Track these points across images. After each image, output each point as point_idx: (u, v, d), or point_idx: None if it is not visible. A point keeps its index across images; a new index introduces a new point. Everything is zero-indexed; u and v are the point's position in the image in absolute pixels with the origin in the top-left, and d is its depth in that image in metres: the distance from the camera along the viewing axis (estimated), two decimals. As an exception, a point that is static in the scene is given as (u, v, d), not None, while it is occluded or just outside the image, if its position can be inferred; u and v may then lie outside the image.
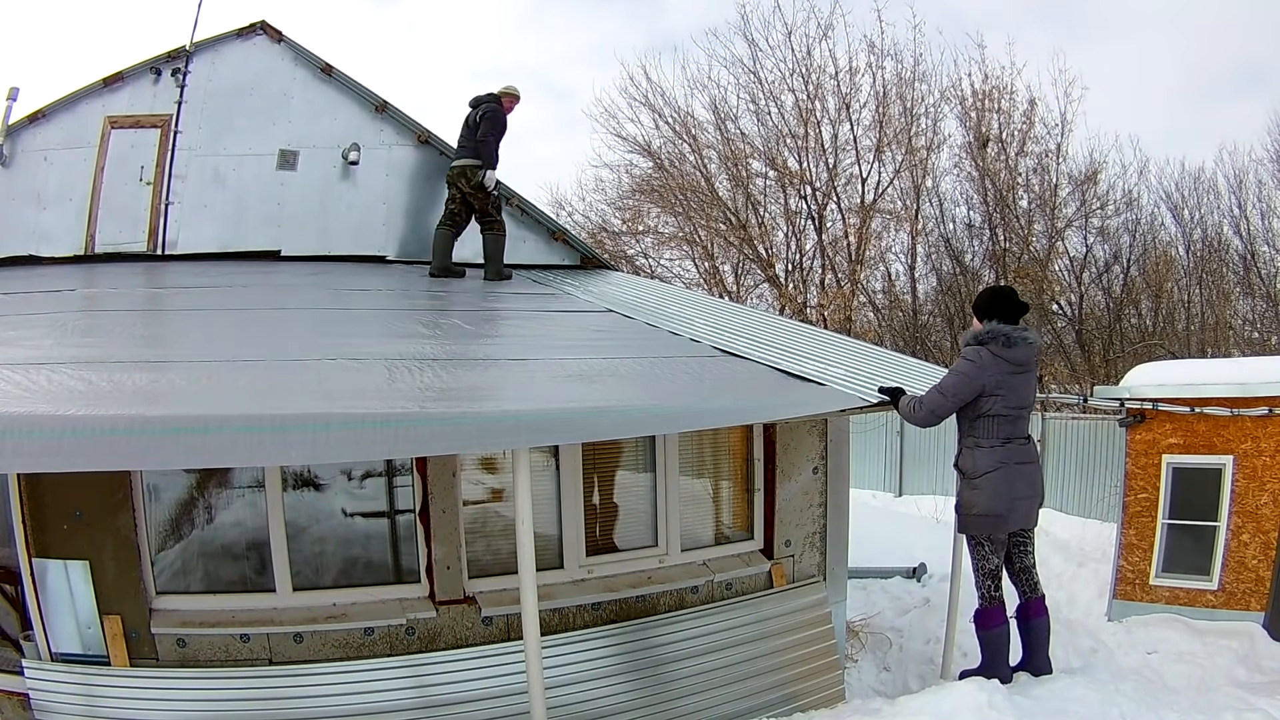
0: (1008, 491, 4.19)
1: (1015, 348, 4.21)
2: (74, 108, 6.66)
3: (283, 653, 3.94)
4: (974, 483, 4.22)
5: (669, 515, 4.92)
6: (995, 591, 4.31)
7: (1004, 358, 4.18)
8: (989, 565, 4.31)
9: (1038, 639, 4.40)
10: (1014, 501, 4.22)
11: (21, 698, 3.55)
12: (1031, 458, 4.34)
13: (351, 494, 4.41)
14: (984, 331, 4.26)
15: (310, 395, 3.35)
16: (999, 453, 4.19)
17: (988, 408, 4.18)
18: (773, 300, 17.60)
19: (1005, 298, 4.40)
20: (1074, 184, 16.83)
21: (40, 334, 4.22)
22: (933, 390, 4.29)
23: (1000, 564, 4.33)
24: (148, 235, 6.65)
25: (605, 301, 6.16)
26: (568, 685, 4.10)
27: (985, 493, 4.18)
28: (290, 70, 7.25)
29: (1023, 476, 4.25)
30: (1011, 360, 4.19)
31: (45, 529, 3.67)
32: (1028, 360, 4.28)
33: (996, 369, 4.16)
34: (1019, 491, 4.24)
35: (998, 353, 4.18)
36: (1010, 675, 4.29)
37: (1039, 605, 4.40)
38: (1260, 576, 5.86)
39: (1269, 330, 15.74)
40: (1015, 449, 4.24)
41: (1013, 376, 4.20)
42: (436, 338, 4.82)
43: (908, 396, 4.36)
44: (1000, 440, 4.20)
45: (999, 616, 4.34)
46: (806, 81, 16.75)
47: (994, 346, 4.20)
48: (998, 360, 4.17)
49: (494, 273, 6.84)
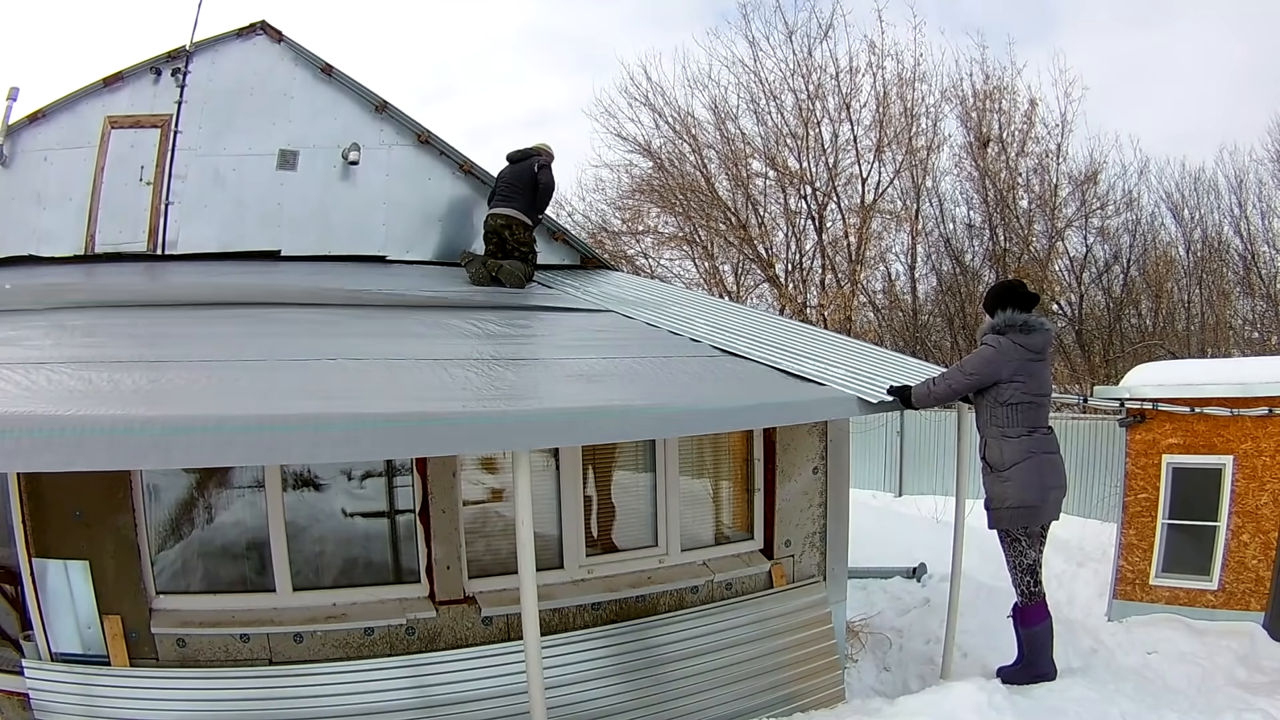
0: (1039, 481, 4.18)
1: (1033, 334, 4.24)
2: (74, 108, 6.66)
3: (283, 653, 3.94)
4: (1004, 475, 4.19)
5: (669, 515, 4.92)
6: (1035, 586, 4.28)
7: (1023, 344, 4.20)
8: (1026, 560, 4.25)
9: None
10: (1046, 491, 4.21)
11: (21, 698, 3.55)
12: (1056, 447, 4.33)
13: (351, 494, 4.41)
14: (1002, 320, 4.28)
15: (310, 395, 3.35)
16: (1027, 442, 4.18)
17: (1009, 395, 4.17)
18: (773, 300, 17.60)
19: (1016, 289, 4.44)
20: (1074, 184, 16.84)
21: (40, 334, 4.22)
22: (953, 368, 4.32)
23: (1038, 558, 4.28)
24: (148, 235, 6.65)
25: (605, 301, 6.16)
26: (568, 685, 4.10)
27: (1016, 484, 4.16)
28: (290, 70, 7.25)
29: (1052, 466, 4.25)
30: (1030, 347, 4.21)
31: (45, 529, 3.67)
32: (1045, 347, 4.30)
33: (1017, 356, 4.18)
34: (1050, 481, 4.23)
35: (1017, 340, 4.21)
36: (1055, 671, 4.29)
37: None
38: (1260, 576, 5.86)
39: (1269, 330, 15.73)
40: (1041, 438, 4.24)
41: (1032, 363, 4.22)
42: (436, 338, 4.82)
43: (922, 380, 4.37)
44: (1026, 429, 4.18)
45: (1042, 612, 4.31)
46: (807, 81, 16.76)
47: (1013, 334, 4.22)
48: (1017, 347, 4.19)
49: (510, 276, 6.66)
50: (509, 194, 6.85)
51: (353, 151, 7.16)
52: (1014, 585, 4.37)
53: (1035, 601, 4.28)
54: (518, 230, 6.78)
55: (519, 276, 6.66)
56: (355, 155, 7.16)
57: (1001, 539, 4.32)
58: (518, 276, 6.64)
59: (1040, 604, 4.30)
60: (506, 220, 6.77)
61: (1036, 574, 4.28)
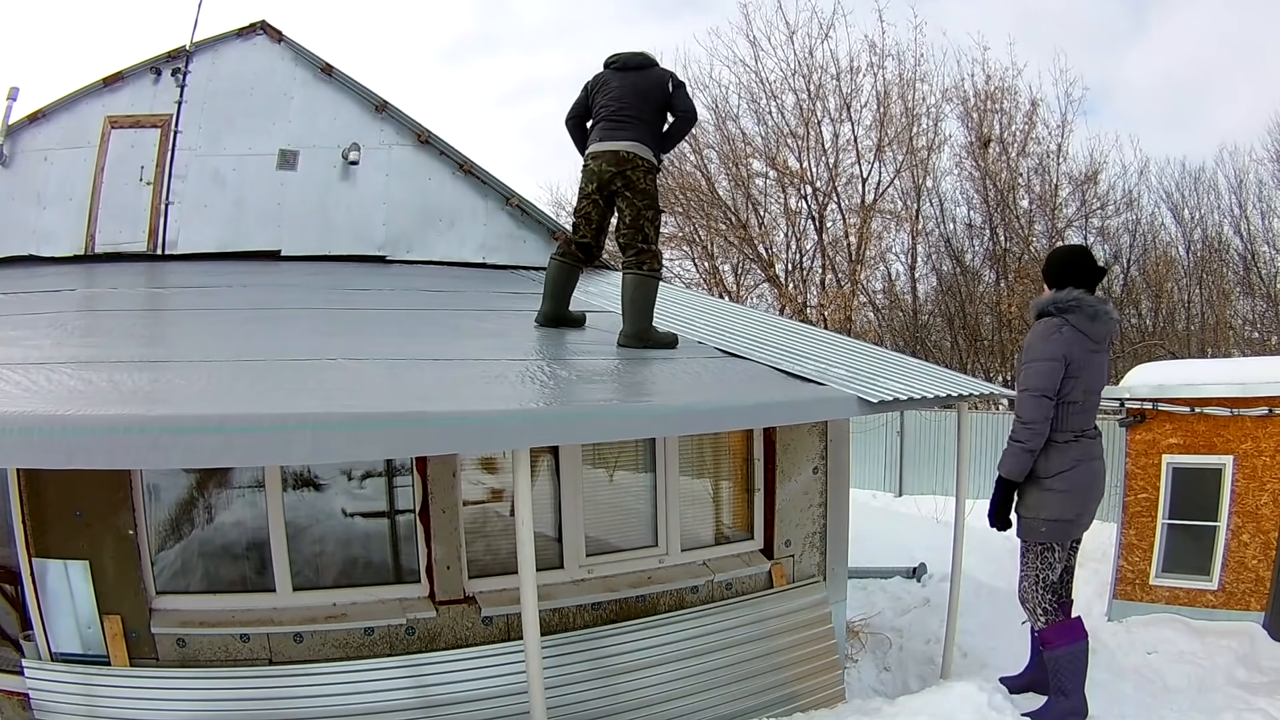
0: (1082, 494, 3.69)
1: (1098, 321, 3.64)
2: (74, 108, 6.68)
3: (283, 653, 3.94)
4: (1045, 483, 3.68)
5: (669, 515, 4.92)
6: (1053, 604, 3.79)
7: (1086, 333, 3.60)
8: (1051, 575, 3.75)
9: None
10: (1086, 505, 3.75)
11: (21, 698, 3.55)
12: (1101, 452, 3.82)
13: (351, 494, 4.40)
14: (1066, 299, 3.63)
15: (310, 395, 3.35)
16: (1074, 449, 3.64)
17: (1065, 392, 3.60)
18: (773, 300, 17.62)
19: (1083, 260, 3.77)
20: (1074, 184, 16.86)
21: (40, 334, 4.22)
22: (1024, 400, 3.59)
23: (1065, 572, 3.83)
24: (148, 235, 6.66)
25: (605, 301, 6.16)
26: (568, 685, 4.10)
27: (1057, 494, 3.67)
28: (290, 70, 7.26)
29: (1096, 476, 3.76)
30: (1092, 336, 3.63)
31: (45, 529, 3.67)
32: (1106, 337, 3.75)
33: (1079, 346, 3.58)
34: (1093, 494, 3.76)
35: (1080, 326, 3.60)
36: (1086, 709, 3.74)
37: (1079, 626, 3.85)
38: (1260, 576, 5.86)
39: (1269, 330, 15.75)
40: (1089, 444, 3.72)
41: (1093, 355, 3.65)
42: (436, 338, 4.82)
43: (1005, 452, 3.72)
44: (1074, 434, 3.66)
45: (1072, 631, 3.74)
46: (808, 81, 16.78)
47: (1076, 318, 3.60)
48: (1080, 336, 3.59)
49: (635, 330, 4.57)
50: (625, 120, 4.46)
51: (353, 151, 7.17)
52: (1027, 602, 3.83)
53: (1060, 620, 3.80)
54: (640, 177, 4.45)
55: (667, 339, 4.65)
56: (355, 155, 7.18)
57: (1028, 549, 3.81)
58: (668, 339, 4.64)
59: (1064, 624, 3.78)
60: (630, 157, 4.43)
61: (1057, 591, 3.82)
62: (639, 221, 4.49)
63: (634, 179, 4.45)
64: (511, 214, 7.57)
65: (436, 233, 7.39)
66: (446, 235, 7.42)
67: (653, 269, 4.55)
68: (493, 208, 7.60)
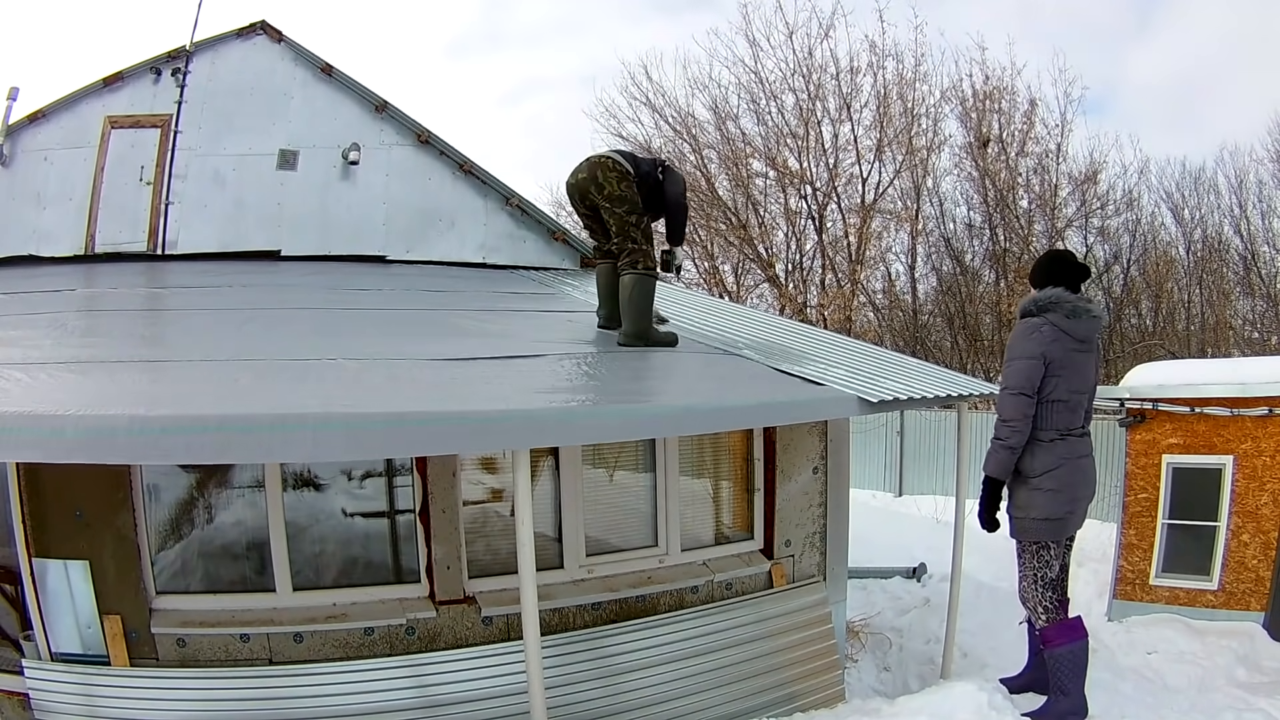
0: (1070, 492, 3.76)
1: (1079, 320, 3.73)
2: (74, 108, 6.68)
3: (283, 653, 3.94)
4: (1032, 482, 3.77)
5: (669, 515, 4.92)
6: (1055, 602, 3.85)
7: (1067, 331, 3.70)
8: (1050, 573, 3.80)
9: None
10: (1075, 503, 3.81)
11: (21, 698, 3.55)
12: (1089, 450, 3.88)
13: (351, 494, 4.40)
14: (1045, 298, 3.75)
15: (310, 395, 3.35)
16: (1059, 448, 3.73)
17: (1047, 391, 3.68)
18: (773, 300, 17.62)
19: (1066, 261, 3.90)
20: (1074, 184, 16.86)
21: (40, 334, 4.22)
22: (1004, 398, 3.70)
23: (1061, 569, 3.88)
24: (148, 235, 6.66)
25: (605, 301, 6.15)
26: (568, 685, 4.10)
27: (1045, 493, 3.74)
28: (290, 70, 7.26)
29: (1084, 474, 3.83)
30: (1074, 334, 3.72)
31: (45, 529, 3.67)
32: (1091, 336, 3.82)
33: (1059, 344, 3.68)
34: (1081, 492, 3.83)
35: (1059, 324, 3.70)
36: (1085, 708, 3.79)
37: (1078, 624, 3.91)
38: (1260, 576, 5.86)
39: (1269, 330, 15.75)
40: (1075, 443, 3.79)
41: (1075, 354, 3.72)
42: (436, 338, 4.82)
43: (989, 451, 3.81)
44: (1059, 432, 3.74)
45: (1072, 630, 3.80)
46: (808, 81, 16.79)
47: (1055, 316, 3.71)
48: (1060, 334, 3.69)
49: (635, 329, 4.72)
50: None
51: (353, 151, 7.17)
52: (1028, 602, 3.89)
53: (1059, 619, 3.84)
54: (607, 178, 4.62)
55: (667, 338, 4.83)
56: (355, 155, 7.18)
57: (1023, 549, 3.88)
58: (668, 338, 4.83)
59: (1064, 622, 3.82)
60: (600, 161, 4.69)
61: (1057, 588, 3.87)
62: (624, 226, 4.66)
63: (602, 182, 4.62)
64: (511, 214, 7.57)
65: (436, 233, 7.39)
66: (446, 235, 7.42)
67: (647, 267, 4.67)
68: (493, 208, 7.61)
